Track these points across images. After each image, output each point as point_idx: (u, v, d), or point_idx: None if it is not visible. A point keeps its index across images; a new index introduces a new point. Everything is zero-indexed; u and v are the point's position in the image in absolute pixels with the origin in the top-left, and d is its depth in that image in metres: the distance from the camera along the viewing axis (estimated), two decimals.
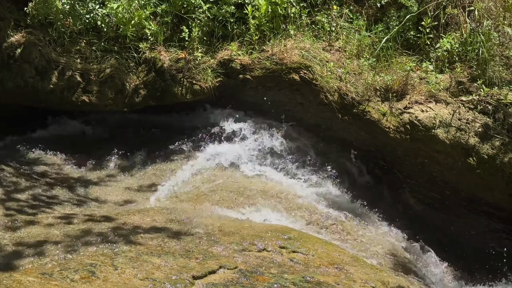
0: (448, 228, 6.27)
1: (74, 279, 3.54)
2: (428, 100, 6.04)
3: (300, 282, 3.95)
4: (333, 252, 4.73)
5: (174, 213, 5.34)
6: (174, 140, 7.17)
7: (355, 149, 6.69)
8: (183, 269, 3.94)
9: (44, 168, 6.68)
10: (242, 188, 6.24)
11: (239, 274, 4.00)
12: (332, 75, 6.41)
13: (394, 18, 6.61)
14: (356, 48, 6.63)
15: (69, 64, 6.97)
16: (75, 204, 5.83)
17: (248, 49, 6.85)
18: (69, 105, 7.10)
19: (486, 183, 5.80)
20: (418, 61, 6.40)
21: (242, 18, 6.91)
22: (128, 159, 7.05)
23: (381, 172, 6.64)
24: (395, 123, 6.09)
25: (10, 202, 5.47)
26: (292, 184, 6.46)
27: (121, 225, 4.91)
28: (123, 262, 3.92)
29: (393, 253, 5.61)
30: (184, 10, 6.98)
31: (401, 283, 4.49)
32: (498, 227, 6.07)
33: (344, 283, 4.07)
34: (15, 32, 7.04)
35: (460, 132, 5.81)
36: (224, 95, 7.02)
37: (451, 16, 6.42)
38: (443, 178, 6.15)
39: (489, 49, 6.00)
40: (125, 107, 7.08)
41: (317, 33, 6.90)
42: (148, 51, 6.98)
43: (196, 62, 6.87)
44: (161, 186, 6.42)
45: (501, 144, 5.65)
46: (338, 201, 6.31)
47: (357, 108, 6.28)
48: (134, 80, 6.97)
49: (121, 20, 6.84)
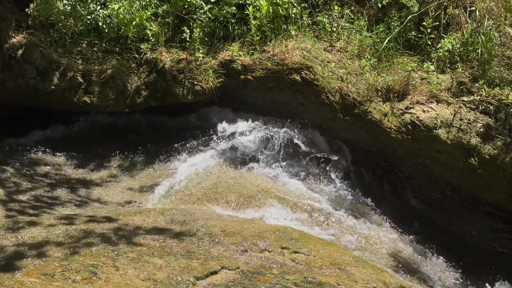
0: (449, 228, 6.27)
1: (76, 280, 3.55)
2: (430, 100, 6.04)
3: (301, 282, 3.95)
4: (334, 253, 4.73)
5: (175, 214, 5.35)
6: (175, 140, 7.18)
7: (356, 149, 6.70)
8: (185, 269, 3.94)
9: (45, 169, 6.68)
10: (244, 188, 6.25)
11: (241, 275, 4.00)
12: (334, 75, 6.41)
13: (395, 19, 6.61)
14: (357, 49, 6.63)
15: (71, 65, 6.97)
16: (77, 205, 5.83)
17: (249, 50, 6.85)
18: (71, 105, 7.11)
19: (487, 183, 5.79)
20: (419, 61, 6.40)
21: (243, 19, 6.91)
22: (129, 159, 7.06)
23: (382, 172, 6.64)
24: (396, 123, 6.09)
25: (11, 203, 5.47)
26: (293, 183, 6.47)
27: (122, 226, 4.91)
28: (125, 263, 3.92)
29: (395, 253, 5.61)
30: (185, 10, 6.98)
31: (402, 284, 4.49)
32: (500, 227, 6.06)
33: (345, 283, 4.07)
34: (17, 33, 7.04)
35: (462, 132, 5.80)
36: (225, 95, 7.02)
37: (452, 16, 6.42)
38: (444, 178, 6.14)
39: (490, 49, 6.00)
40: (127, 108, 7.09)
41: (318, 34, 6.90)
42: (149, 52, 6.99)
43: (197, 63, 6.87)
44: (162, 186, 6.42)
45: (502, 144, 5.64)
46: (339, 201, 6.32)
47: (358, 109, 6.28)
48: (135, 81, 6.98)
49: (122, 21, 6.85)
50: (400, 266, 5.36)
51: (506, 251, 5.97)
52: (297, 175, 6.62)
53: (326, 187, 6.48)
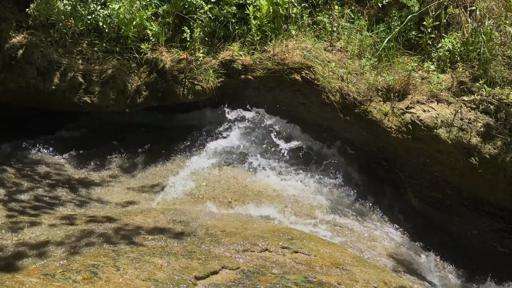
0: (450, 228, 6.27)
1: (76, 280, 3.55)
2: (430, 100, 6.04)
3: (302, 282, 3.95)
4: (335, 252, 4.73)
5: (176, 214, 5.34)
6: (175, 140, 7.19)
7: (357, 149, 6.69)
8: (185, 269, 3.94)
9: (46, 169, 6.68)
10: (244, 188, 6.25)
11: (241, 275, 4.00)
12: (334, 75, 6.41)
13: (396, 18, 6.61)
14: (357, 48, 6.63)
15: (71, 65, 6.98)
16: (77, 205, 5.84)
17: (249, 50, 6.85)
18: (71, 105, 7.11)
19: (488, 183, 5.79)
20: (419, 61, 6.40)
21: (243, 19, 6.91)
22: (130, 159, 7.06)
23: (383, 172, 6.64)
24: (397, 123, 6.09)
25: (12, 203, 5.48)
26: (294, 183, 6.46)
27: (123, 226, 4.91)
28: (126, 263, 3.92)
29: (395, 253, 5.61)
30: (186, 10, 6.98)
31: (403, 283, 4.49)
32: (500, 226, 6.06)
33: (346, 283, 4.07)
34: (17, 33, 7.05)
35: (462, 132, 5.80)
36: (226, 95, 7.02)
37: (452, 16, 6.42)
38: (445, 178, 6.14)
39: (491, 48, 6.00)
40: (127, 108, 7.09)
41: (319, 33, 6.90)
42: (150, 52, 6.99)
43: (197, 63, 6.87)
44: (163, 186, 6.42)
45: (503, 143, 5.64)
46: (339, 201, 6.31)
47: (359, 108, 6.28)
48: (135, 80, 6.98)
49: (123, 21, 6.85)
50: (400, 266, 5.36)
51: (507, 250, 5.98)
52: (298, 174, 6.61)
53: (326, 186, 6.47)
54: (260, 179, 6.50)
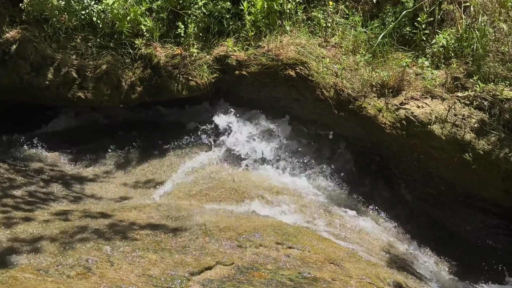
0: (444, 224, 6.29)
1: (70, 275, 3.54)
2: (424, 96, 6.05)
3: (296, 278, 3.96)
4: (329, 248, 4.74)
5: (170, 210, 5.34)
6: (169, 136, 7.16)
7: (351, 145, 6.70)
8: (180, 265, 3.94)
9: (40, 165, 6.66)
10: (238, 183, 6.24)
11: (236, 270, 4.00)
12: (328, 71, 6.41)
13: (390, 14, 6.62)
14: (352, 44, 6.63)
15: (65, 60, 6.94)
16: (71, 201, 5.82)
17: (244, 45, 6.84)
18: (65, 101, 7.08)
19: (482, 179, 5.81)
20: (414, 57, 6.41)
21: (237, 14, 6.90)
22: (124, 155, 7.04)
23: (377, 168, 6.65)
24: (391, 119, 6.10)
25: (5, 198, 5.46)
26: (289, 179, 6.47)
27: (117, 222, 4.91)
28: (120, 258, 3.92)
29: (389, 248, 5.62)
30: (180, 6, 6.96)
31: (397, 279, 4.50)
32: (494, 222, 6.09)
33: (340, 279, 4.08)
34: (10, 28, 7.00)
35: (456, 128, 5.82)
36: (220, 91, 7.01)
37: (446, 12, 6.43)
38: (439, 174, 6.16)
39: (485, 45, 6.02)
40: (121, 104, 7.07)
41: (313, 29, 6.90)
42: (144, 47, 6.97)
43: (192, 58, 6.86)
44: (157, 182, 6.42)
45: (496, 139, 5.66)
46: (334, 197, 6.32)
47: (353, 104, 6.29)
48: (130, 76, 6.96)
49: (117, 16, 6.82)
50: (395, 261, 5.37)
51: (500, 246, 6.00)
52: (292, 170, 6.62)
53: (321, 182, 6.48)
54: (255, 175, 6.51)
